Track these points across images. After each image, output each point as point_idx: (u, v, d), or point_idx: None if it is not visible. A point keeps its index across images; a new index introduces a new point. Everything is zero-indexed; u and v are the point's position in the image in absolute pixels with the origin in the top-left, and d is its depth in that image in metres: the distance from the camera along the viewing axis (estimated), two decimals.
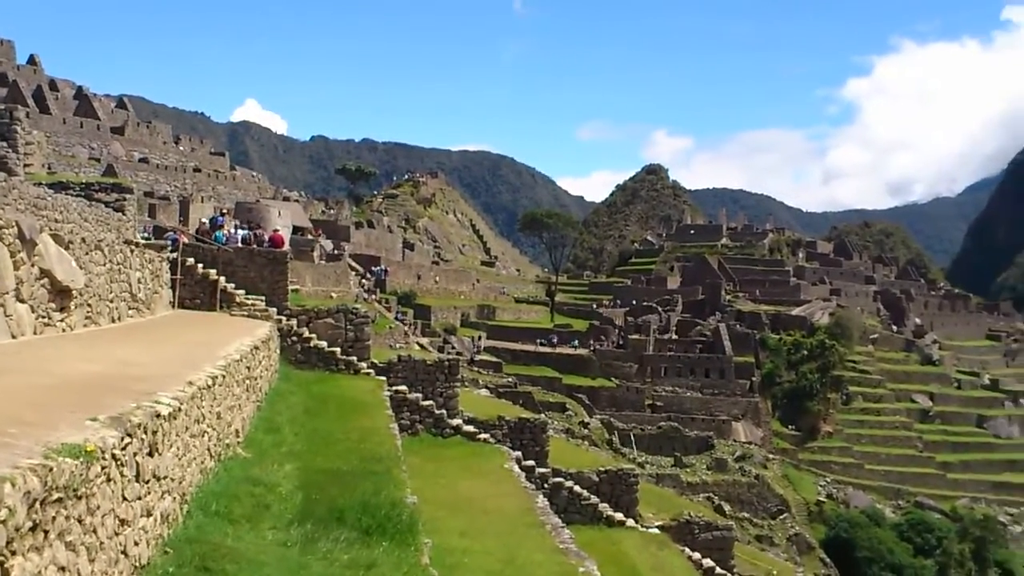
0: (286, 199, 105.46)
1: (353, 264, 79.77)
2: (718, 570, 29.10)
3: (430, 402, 25.41)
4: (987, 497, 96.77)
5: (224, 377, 13.65)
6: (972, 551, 77.91)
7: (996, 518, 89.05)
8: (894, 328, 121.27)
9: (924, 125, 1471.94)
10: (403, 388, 25.28)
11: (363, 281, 77.52)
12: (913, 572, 73.34)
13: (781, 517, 72.09)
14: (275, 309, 25.87)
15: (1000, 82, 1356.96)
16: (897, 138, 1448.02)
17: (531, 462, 25.46)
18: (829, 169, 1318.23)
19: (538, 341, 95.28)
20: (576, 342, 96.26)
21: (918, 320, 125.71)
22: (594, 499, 25.84)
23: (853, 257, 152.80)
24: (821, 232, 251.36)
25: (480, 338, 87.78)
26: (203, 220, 33.86)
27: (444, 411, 25.46)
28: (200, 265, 25.26)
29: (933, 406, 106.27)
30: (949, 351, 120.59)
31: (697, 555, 28.93)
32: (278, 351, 23.68)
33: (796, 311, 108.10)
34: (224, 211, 63.74)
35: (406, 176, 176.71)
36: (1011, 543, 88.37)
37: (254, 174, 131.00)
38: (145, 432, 8.56)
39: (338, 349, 26.15)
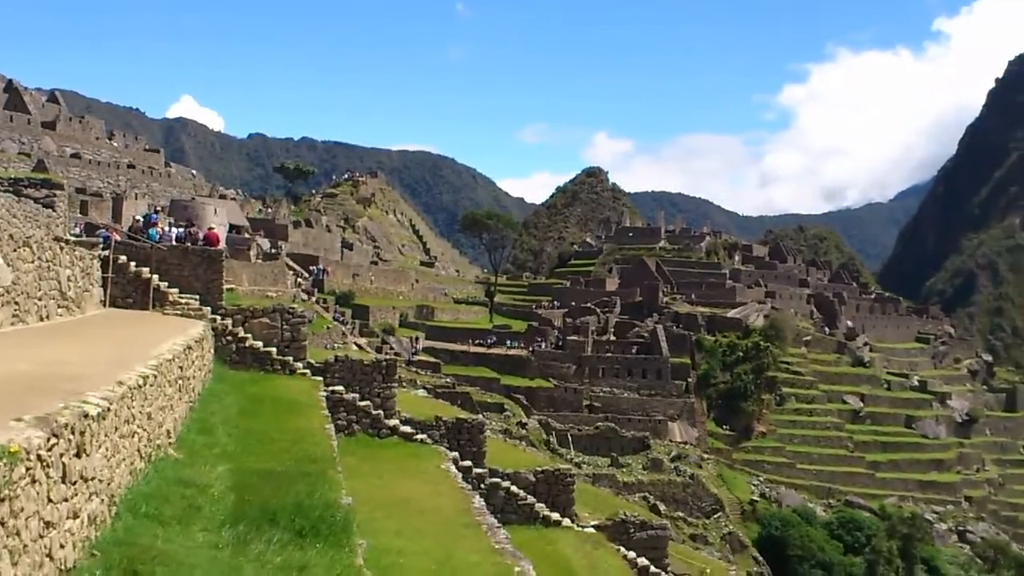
0: (222, 197, 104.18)
1: (291, 263, 79.07)
2: (652, 569, 29.36)
3: (367, 402, 25.26)
4: (914, 496, 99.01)
5: (155, 377, 13.46)
6: (900, 549, 79.60)
7: (923, 516, 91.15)
8: (826, 330, 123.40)
9: (858, 132, 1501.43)
10: (340, 388, 25.11)
11: (301, 281, 76.79)
12: (843, 570, 74.71)
13: (715, 516, 72.93)
14: (209, 308, 25.53)
15: (931, 91, 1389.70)
16: (832, 144, 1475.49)
17: (468, 462, 25.46)
18: (765, 174, 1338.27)
19: (477, 342, 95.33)
20: (515, 343, 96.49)
21: (850, 323, 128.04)
22: (531, 499, 25.91)
23: (788, 260, 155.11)
24: (757, 236, 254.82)
25: (418, 339, 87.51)
26: (136, 217, 33.28)
27: (381, 411, 25.34)
28: (133, 263, 24.84)
29: (863, 407, 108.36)
30: (879, 353, 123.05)
31: (632, 554, 29.16)
32: (212, 351, 23.38)
33: (732, 313, 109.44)
34: (158, 208, 62.83)
35: (345, 175, 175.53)
36: (937, 540, 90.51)
37: (190, 171, 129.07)
38: (72, 432, 8.41)
39: (274, 349, 25.88)
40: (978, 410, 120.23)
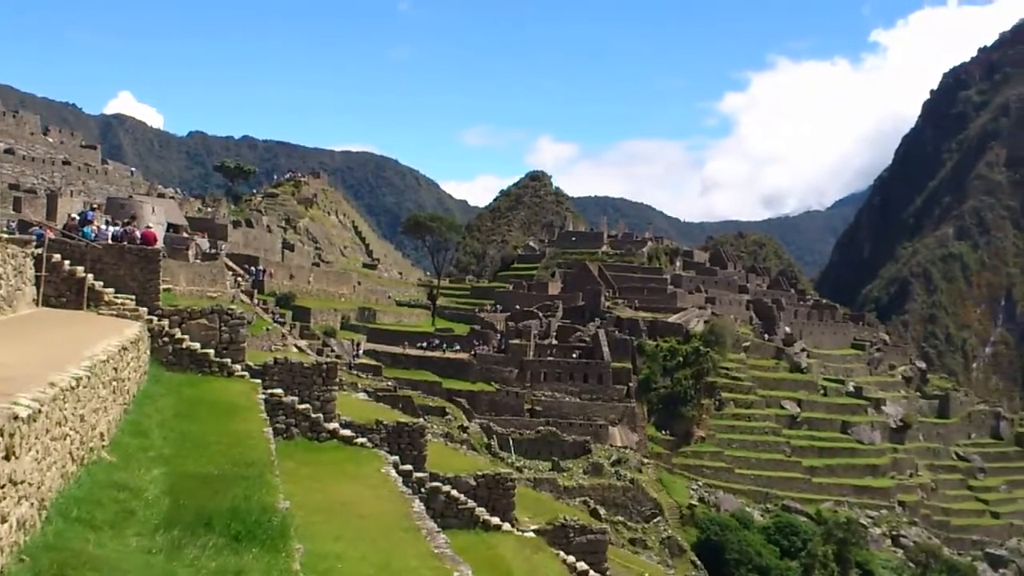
0: (161, 195, 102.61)
1: (230, 264, 78.09)
2: (592, 573, 29.46)
3: (306, 405, 25.00)
4: (849, 500, 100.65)
5: (89, 378, 13.20)
6: (835, 553, 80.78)
7: (858, 521, 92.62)
8: (765, 336, 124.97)
9: (797, 140, 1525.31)
10: (279, 391, 24.82)
11: (240, 281, 75.88)
12: (779, 574, 75.76)
13: (654, 520, 73.46)
14: (146, 309, 25.09)
15: (869, 101, 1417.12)
16: (772, 152, 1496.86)
17: (409, 466, 25.32)
18: (707, 180, 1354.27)
19: (419, 345, 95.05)
20: (457, 346, 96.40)
21: (788, 329, 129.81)
22: (471, 503, 25.86)
23: (728, 267, 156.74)
24: (698, 242, 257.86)
25: (359, 342, 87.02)
26: (72, 215, 32.58)
27: (321, 415, 25.10)
28: (67, 262, 24.32)
29: (800, 412, 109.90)
30: (816, 359, 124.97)
31: (571, 558, 29.24)
32: (148, 352, 22.99)
33: (673, 318, 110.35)
34: (94, 206, 61.60)
35: (287, 175, 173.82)
36: (871, 545, 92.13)
37: (128, 169, 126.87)
38: (1, 435, 8.22)
39: (212, 351, 25.50)
40: (912, 416, 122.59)
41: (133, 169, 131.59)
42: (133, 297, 25.28)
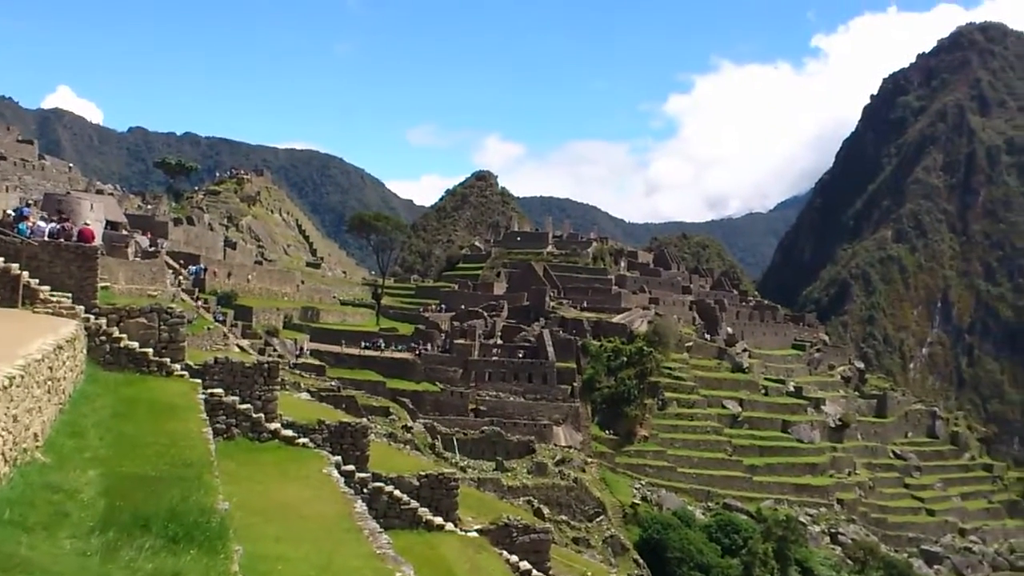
0: (99, 192, 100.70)
1: (171, 262, 76.92)
2: (535, 572, 29.53)
3: (247, 406, 24.72)
4: (789, 498, 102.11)
5: (23, 378, 12.94)
6: (775, 550, 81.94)
7: (797, 519, 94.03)
8: (708, 336, 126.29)
9: (741, 143, 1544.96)
10: (219, 391, 24.50)
11: (181, 280, 74.78)
12: (720, 571, 76.55)
13: (598, 519, 73.81)
14: (83, 307, 24.62)
15: (811, 105, 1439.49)
16: (715, 154, 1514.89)
17: (351, 467, 25.17)
18: (651, 181, 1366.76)
19: (363, 344, 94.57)
20: (402, 346, 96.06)
21: (730, 329, 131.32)
22: (414, 504, 25.78)
23: (671, 267, 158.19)
24: (642, 242, 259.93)
25: (302, 342, 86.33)
26: (7, 211, 31.92)
27: (262, 415, 24.83)
28: (1, 259, 23.78)
29: (742, 412, 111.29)
30: (758, 359, 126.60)
31: (514, 558, 29.27)
32: (85, 351, 22.57)
33: (617, 318, 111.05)
34: (30, 202, 60.41)
35: (230, 172, 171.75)
36: (810, 542, 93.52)
37: (65, 165, 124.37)
38: None
39: (150, 350, 25.09)
40: (850, 415, 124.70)
41: (71, 165, 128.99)
42: (70, 295, 24.79)
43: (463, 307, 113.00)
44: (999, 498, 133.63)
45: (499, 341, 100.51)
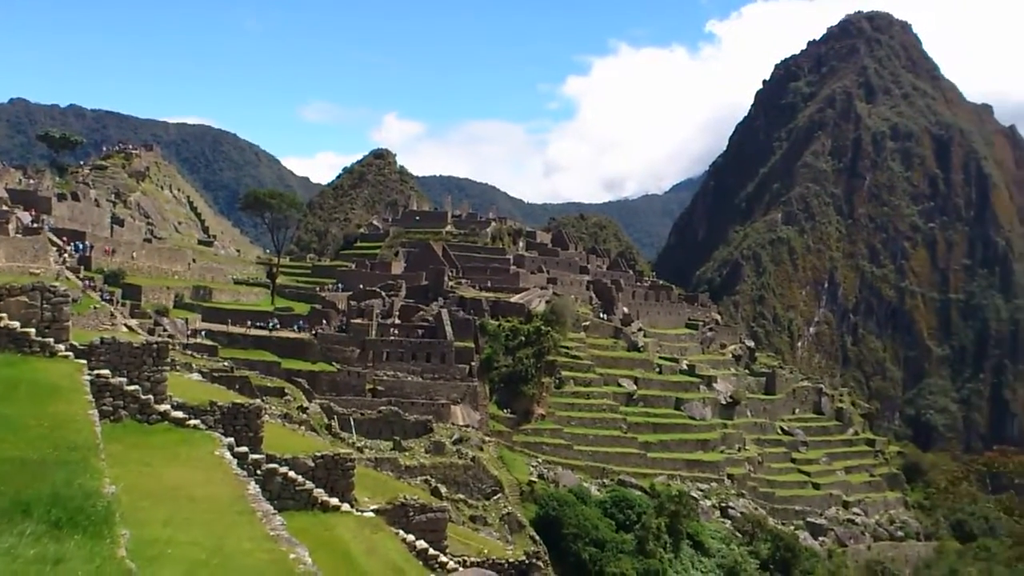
0: None
1: (54, 239, 74.54)
2: (431, 551, 29.55)
3: (136, 387, 24.03)
4: (682, 474, 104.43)
5: None
6: (667, 525, 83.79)
7: (689, 494, 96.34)
8: (604, 316, 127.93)
9: (637, 125, 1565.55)
10: (105, 372, 23.75)
11: (66, 257, 72.43)
12: (615, 547, 77.88)
13: (495, 498, 74.21)
14: None
15: (706, 89, 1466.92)
16: (613, 136, 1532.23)
17: (244, 448, 24.73)
18: (550, 162, 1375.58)
19: (257, 324, 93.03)
20: (298, 326, 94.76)
21: (626, 309, 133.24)
22: (309, 484, 25.47)
23: (569, 248, 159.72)
24: (541, 223, 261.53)
25: (191, 322, 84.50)
26: None
27: (151, 396, 24.17)
28: None
29: (637, 390, 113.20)
30: (653, 338, 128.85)
31: (411, 537, 29.23)
32: None
33: (515, 298, 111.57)
34: None
35: (117, 147, 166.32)
36: (702, 516, 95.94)
37: None
38: None
39: (32, 330, 24.19)
40: (740, 393, 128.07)
41: None
42: None
43: (361, 286, 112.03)
44: (880, 471, 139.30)
45: (397, 321, 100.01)
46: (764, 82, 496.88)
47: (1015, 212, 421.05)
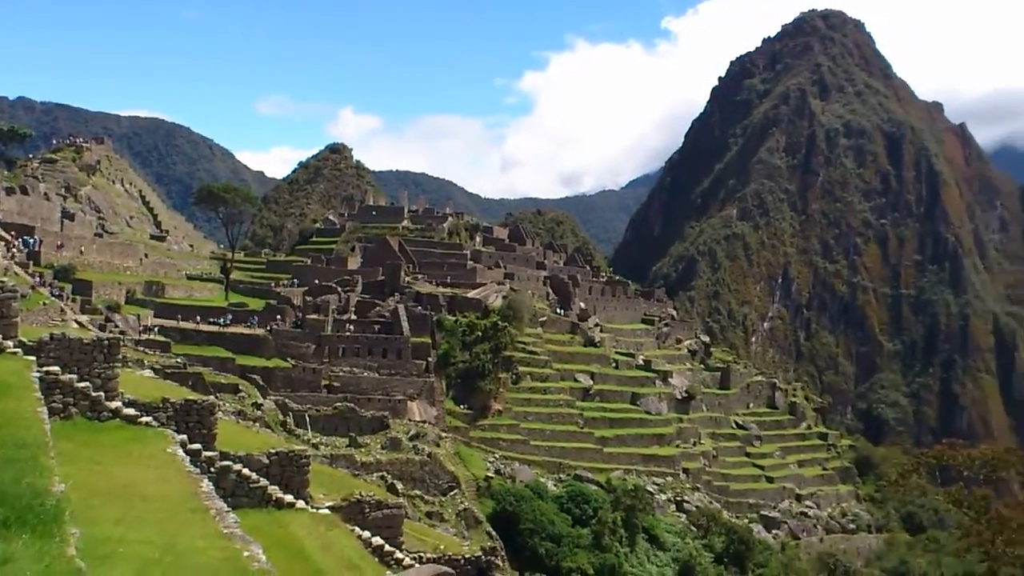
0: None
1: (2, 233, 73.30)
2: (387, 547, 29.47)
3: (86, 384, 23.68)
4: (637, 469, 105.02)
5: None
6: (623, 519, 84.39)
7: (644, 488, 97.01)
8: (561, 311, 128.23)
9: (595, 121, 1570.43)
10: (55, 369, 23.39)
11: (14, 252, 71.22)
12: (571, 541, 78.28)
13: (452, 493, 74.21)
14: None
15: (662, 85, 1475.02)
16: (570, 131, 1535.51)
17: (197, 445, 24.47)
18: (507, 158, 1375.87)
19: (211, 320, 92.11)
20: (252, 319, 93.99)
21: (583, 304, 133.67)
22: (263, 482, 25.28)
23: (526, 243, 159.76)
24: (498, 218, 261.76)
25: (143, 318, 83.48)
26: None
27: (102, 393, 23.84)
28: None
29: (593, 385, 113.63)
30: (609, 333, 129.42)
31: (367, 533, 29.12)
32: None
33: (472, 294, 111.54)
34: None
35: (68, 140, 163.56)
36: (657, 510, 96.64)
37: None
38: None
39: None
40: (695, 387, 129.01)
41: None
42: None
43: (316, 282, 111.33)
44: (832, 465, 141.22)
45: (353, 317, 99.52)
46: (720, 79, 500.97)
47: (965, 209, 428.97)
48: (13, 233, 79.65)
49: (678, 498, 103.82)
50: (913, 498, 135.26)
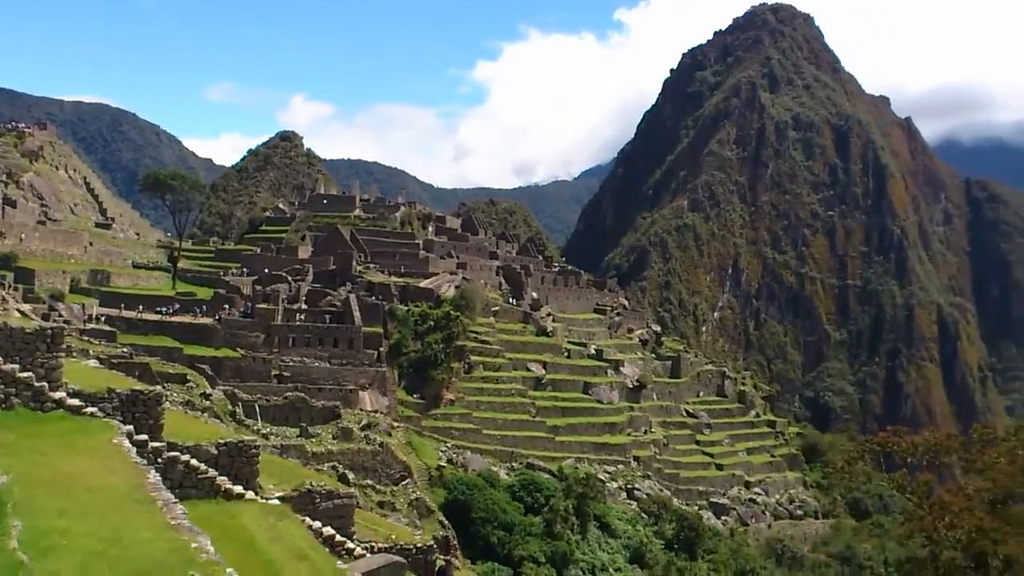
0: None
1: None
2: (338, 538, 29.24)
3: (29, 374, 23.16)
4: (589, 457, 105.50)
5: None
6: (575, 507, 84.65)
7: (596, 476, 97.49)
8: (513, 301, 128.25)
9: (548, 111, 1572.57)
10: None
11: None
12: (523, 529, 78.44)
13: (404, 483, 73.97)
14: None
15: (615, 77, 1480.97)
16: (523, 122, 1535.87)
17: (144, 436, 24.04)
18: (460, 147, 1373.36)
19: (157, 309, 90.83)
20: (197, 308, 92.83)
21: (535, 294, 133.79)
22: (212, 472, 24.91)
23: (479, 233, 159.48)
24: (451, 208, 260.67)
25: (88, 306, 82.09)
26: None
27: (45, 383, 23.33)
28: None
29: (546, 374, 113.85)
30: (561, 323, 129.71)
31: (317, 524, 28.87)
32: None
33: (424, 283, 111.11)
34: None
35: (9, 125, 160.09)
36: (608, 498, 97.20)
37: None
38: None
39: None
40: (647, 376, 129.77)
41: None
42: None
43: (266, 271, 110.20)
44: (780, 452, 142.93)
45: (304, 306, 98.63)
46: (671, 71, 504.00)
47: (910, 201, 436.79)
48: None
49: (629, 486, 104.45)
50: (858, 484, 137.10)
